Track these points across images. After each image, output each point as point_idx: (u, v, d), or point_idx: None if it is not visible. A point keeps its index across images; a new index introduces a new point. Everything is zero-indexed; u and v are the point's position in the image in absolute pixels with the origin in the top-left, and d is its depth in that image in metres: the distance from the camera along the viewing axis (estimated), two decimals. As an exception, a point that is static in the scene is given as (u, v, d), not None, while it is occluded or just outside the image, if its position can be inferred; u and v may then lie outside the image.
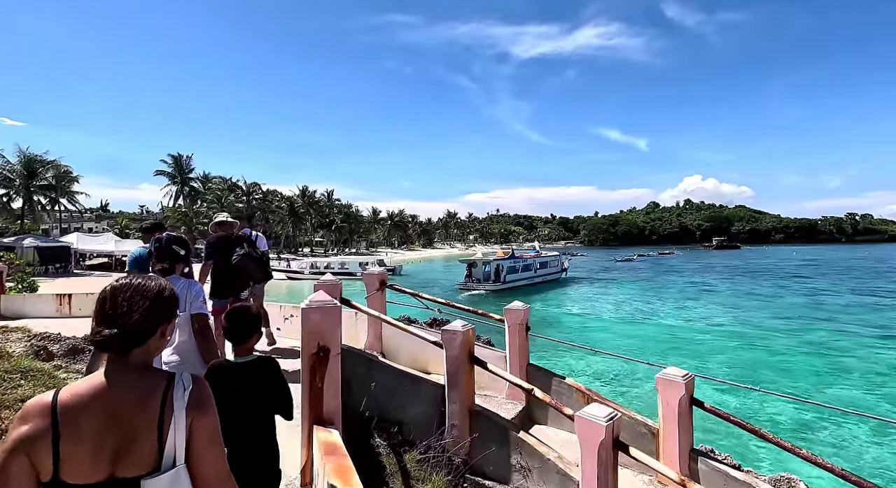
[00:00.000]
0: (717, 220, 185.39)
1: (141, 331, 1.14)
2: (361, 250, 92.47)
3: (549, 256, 42.48)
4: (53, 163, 40.10)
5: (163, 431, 1.09)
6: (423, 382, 3.84)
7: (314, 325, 2.67)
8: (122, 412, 1.07)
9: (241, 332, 2.16)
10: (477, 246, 51.93)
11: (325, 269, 43.52)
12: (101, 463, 1.04)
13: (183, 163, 60.16)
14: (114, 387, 1.09)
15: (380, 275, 5.51)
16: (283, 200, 71.66)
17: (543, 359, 10.64)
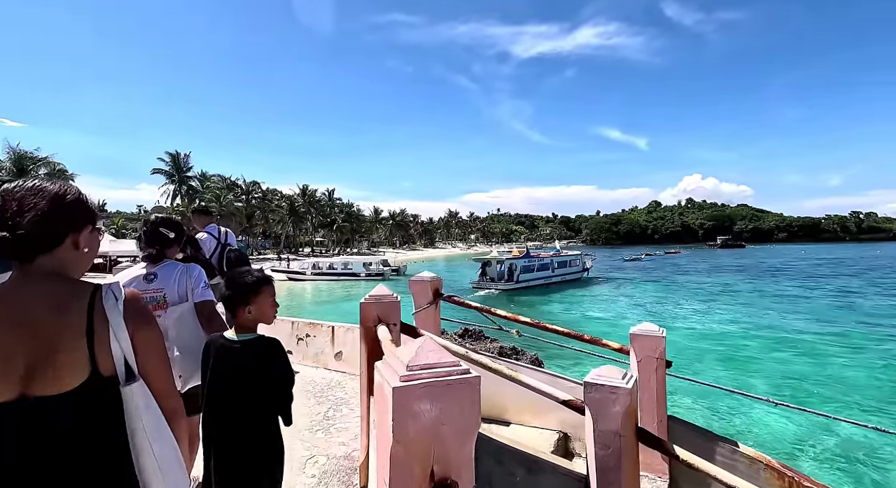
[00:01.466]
0: (720, 219, 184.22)
1: (39, 235, 1.00)
2: (363, 250, 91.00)
3: (570, 256, 41.23)
4: (45, 160, 38.63)
5: (93, 341, 0.97)
6: (546, 469, 2.32)
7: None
8: (34, 320, 0.95)
9: (232, 299, 1.83)
10: (494, 246, 50.83)
11: (328, 270, 42.13)
12: (9, 380, 0.91)
13: (180, 161, 58.62)
14: (18, 293, 0.97)
15: (433, 281, 3.98)
16: (283, 199, 70.19)
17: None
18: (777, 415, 9.38)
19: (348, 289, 36.23)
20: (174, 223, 2.44)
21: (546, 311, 25.80)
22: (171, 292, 2.23)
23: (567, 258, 40.46)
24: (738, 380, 12.28)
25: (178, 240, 2.46)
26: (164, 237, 2.36)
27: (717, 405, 10.06)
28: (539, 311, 25.92)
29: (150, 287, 2.21)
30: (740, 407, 9.91)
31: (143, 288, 2.18)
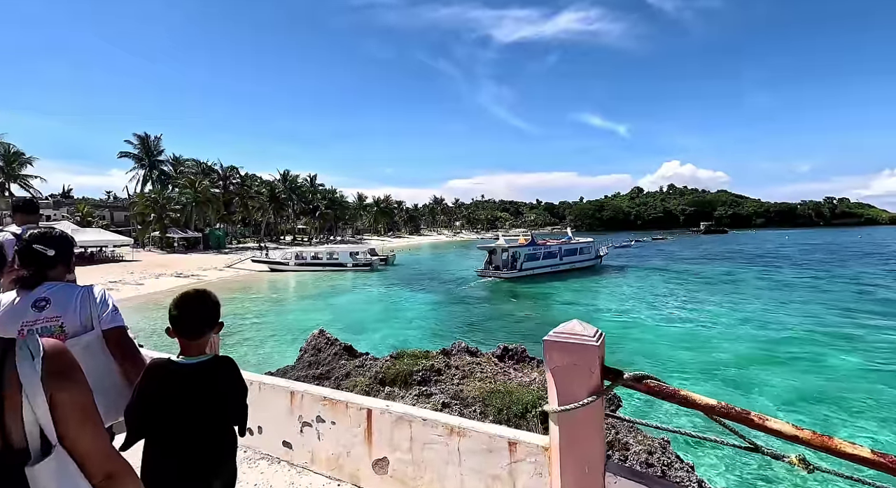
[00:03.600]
0: (700, 205, 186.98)
1: None
2: (346, 238, 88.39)
3: (581, 243, 39.77)
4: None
5: (3, 410, 0.87)
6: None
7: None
8: None
9: (197, 323, 1.78)
10: (483, 233, 49.71)
11: (313, 260, 39.91)
12: None
13: (150, 144, 54.79)
14: None
15: (597, 348, 2.04)
16: (262, 185, 66.88)
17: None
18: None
19: (335, 280, 34.18)
20: (53, 238, 1.98)
21: (549, 303, 24.34)
22: (72, 320, 1.87)
23: (577, 245, 39.12)
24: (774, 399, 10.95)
25: (63, 258, 2.02)
26: (40, 256, 1.93)
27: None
28: (541, 303, 24.47)
29: (41, 315, 1.81)
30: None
31: (31, 317, 1.80)
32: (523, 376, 6.06)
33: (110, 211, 59.03)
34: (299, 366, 10.68)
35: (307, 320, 20.08)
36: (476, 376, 5.87)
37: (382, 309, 22.81)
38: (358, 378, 6.10)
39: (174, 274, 32.34)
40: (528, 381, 5.54)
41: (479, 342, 15.46)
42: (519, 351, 6.81)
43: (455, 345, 6.78)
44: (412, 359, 6.25)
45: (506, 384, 5.45)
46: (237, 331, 18.05)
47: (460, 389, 5.34)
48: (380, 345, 15.40)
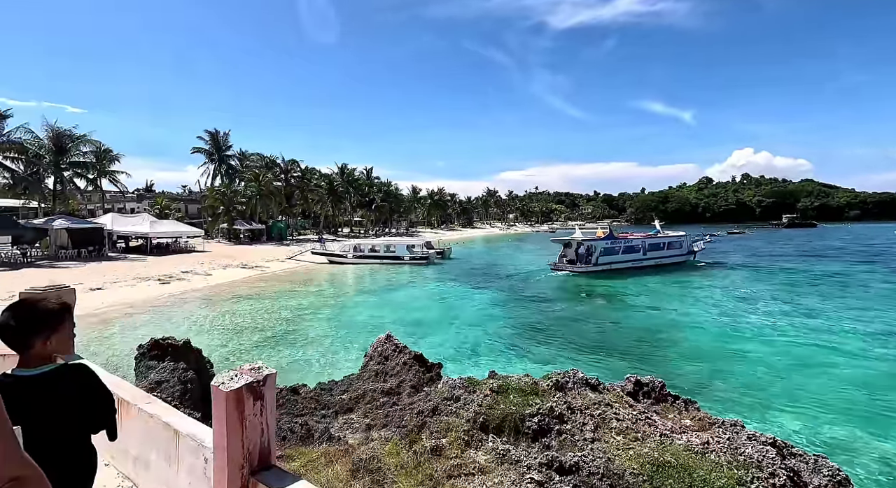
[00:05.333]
0: (781, 196, 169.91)
1: None
2: (401, 230, 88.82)
3: (671, 237, 36.78)
4: (83, 137, 37.59)
5: None
6: None
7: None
8: None
9: (21, 332, 1.63)
10: (576, 225, 47.13)
11: (370, 253, 39.67)
12: None
13: (220, 139, 57.37)
14: None
15: None
16: (321, 178, 68.27)
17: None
18: None
19: (392, 274, 33.58)
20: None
21: (625, 304, 21.97)
22: None
23: (664, 240, 36.09)
24: None
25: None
26: None
27: None
28: (616, 304, 22.15)
29: None
30: None
31: None
32: (676, 427, 4.41)
33: (185, 204, 62.85)
34: (365, 375, 9.59)
35: (368, 318, 19.33)
36: (612, 426, 4.31)
37: (444, 307, 21.62)
38: (451, 418, 4.73)
39: (240, 265, 33.22)
40: (698, 443, 3.89)
41: (560, 353, 13.79)
42: (656, 386, 5.14)
43: (570, 376, 5.24)
44: (520, 394, 4.79)
45: (666, 446, 3.85)
46: (300, 328, 17.57)
47: (601, 452, 3.81)
48: (447, 351, 14.18)
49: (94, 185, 42.89)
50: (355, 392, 9.00)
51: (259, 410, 1.73)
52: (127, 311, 18.73)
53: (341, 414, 8.33)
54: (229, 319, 18.66)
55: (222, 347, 14.52)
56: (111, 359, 12.39)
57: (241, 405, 1.67)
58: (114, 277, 24.75)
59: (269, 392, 1.78)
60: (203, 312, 19.91)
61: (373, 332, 17.02)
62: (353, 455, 4.74)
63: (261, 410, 1.74)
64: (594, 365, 12.31)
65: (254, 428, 1.71)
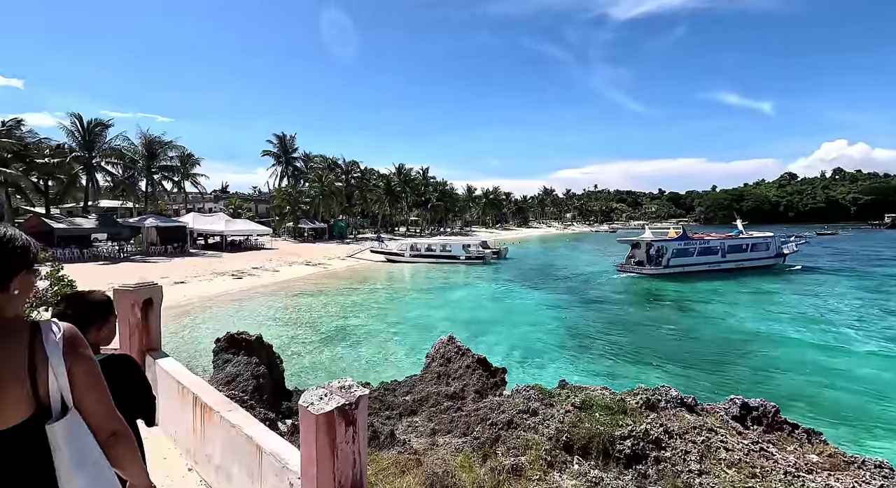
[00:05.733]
0: (883, 193, 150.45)
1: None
2: (456, 230, 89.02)
3: (755, 238, 33.74)
4: (170, 143, 41.18)
5: (36, 378, 1.07)
6: None
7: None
8: None
9: (77, 323, 1.60)
10: (644, 224, 44.60)
11: (427, 252, 39.94)
12: None
13: (287, 142, 60.60)
14: None
15: None
16: (379, 179, 70.04)
17: None
18: None
19: (448, 273, 33.53)
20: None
21: (701, 310, 20.23)
22: None
23: (747, 241, 33.11)
24: None
25: None
26: None
27: None
28: (691, 310, 20.45)
29: None
30: None
31: None
32: (800, 463, 3.73)
33: (255, 204, 67.16)
34: (427, 376, 9.43)
35: (424, 316, 19.33)
36: (720, 457, 3.73)
37: (502, 308, 21.14)
38: (529, 434, 4.36)
39: (304, 262, 34.77)
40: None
41: (631, 362, 12.87)
42: (767, 411, 4.45)
43: (662, 393, 4.67)
44: (606, 412, 4.32)
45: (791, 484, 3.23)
46: (359, 325, 17.92)
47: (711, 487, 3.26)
48: (505, 354, 13.75)
49: (178, 187, 46.88)
50: (418, 394, 8.85)
51: (351, 437, 1.51)
52: (205, 304, 20.11)
53: (405, 417, 8.20)
54: (294, 314, 19.44)
55: (288, 342, 15.09)
56: (192, 351, 13.26)
57: (332, 431, 1.46)
58: (194, 272, 26.79)
59: (361, 416, 1.56)
60: (271, 307, 20.93)
61: (429, 331, 16.95)
62: (425, 465, 4.53)
63: (353, 437, 1.52)
64: (672, 379, 11.32)
65: (346, 457, 1.49)
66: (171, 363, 2.99)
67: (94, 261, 28.66)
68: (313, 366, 12.78)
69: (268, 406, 7.42)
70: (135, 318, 3.14)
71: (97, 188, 37.81)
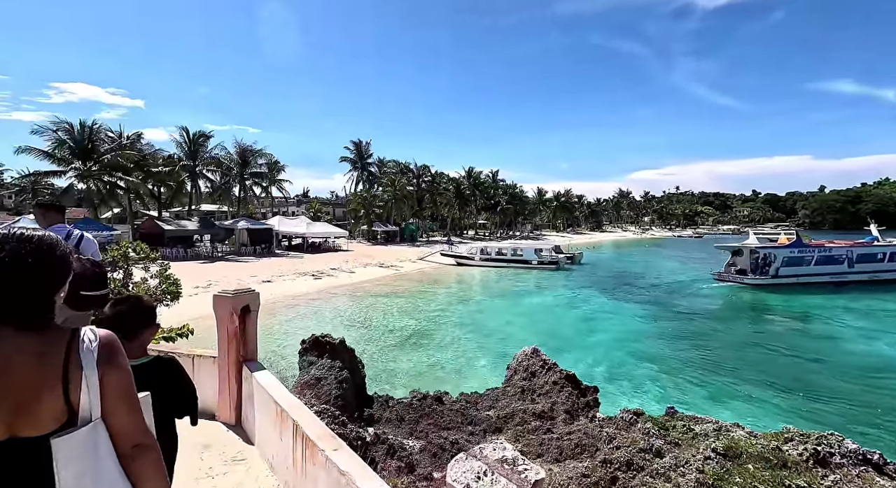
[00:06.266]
0: None
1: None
2: (525, 233, 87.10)
3: (892, 246, 29.38)
4: (260, 151, 44.64)
5: (69, 388, 1.08)
6: None
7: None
8: (18, 365, 1.04)
9: (128, 325, 1.86)
10: (749, 230, 40.31)
11: (497, 256, 39.22)
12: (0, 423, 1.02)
13: (362, 148, 63.18)
14: (7, 342, 1.06)
15: None
16: (449, 182, 70.54)
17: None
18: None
19: (519, 279, 32.55)
20: None
21: (825, 329, 17.40)
22: None
23: (885, 249, 28.80)
24: None
25: None
26: None
27: None
28: (811, 328, 17.68)
29: None
30: None
31: None
32: None
33: (333, 208, 70.82)
34: (510, 390, 8.81)
35: (498, 323, 18.69)
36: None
37: (580, 318, 19.88)
38: (659, 482, 3.62)
39: (378, 264, 35.71)
40: None
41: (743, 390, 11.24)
42: None
43: (833, 445, 3.67)
44: (762, 466, 3.45)
45: None
46: (432, 329, 17.74)
47: None
48: (588, 370, 12.71)
49: (266, 192, 50.69)
50: (503, 410, 8.26)
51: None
52: (289, 303, 21.18)
53: (489, 434, 7.66)
54: (369, 315, 19.79)
55: (364, 344, 15.25)
56: (277, 350, 13.83)
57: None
58: (279, 271, 28.53)
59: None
60: (347, 308, 21.54)
61: (504, 339, 16.29)
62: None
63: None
64: (798, 416, 9.63)
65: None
66: (268, 378, 2.79)
67: (195, 259, 31.69)
68: (389, 370, 12.73)
69: (350, 412, 7.27)
70: (232, 326, 2.98)
71: (199, 193, 42.02)
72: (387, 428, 7.33)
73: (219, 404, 3.14)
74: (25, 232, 1.10)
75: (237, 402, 2.98)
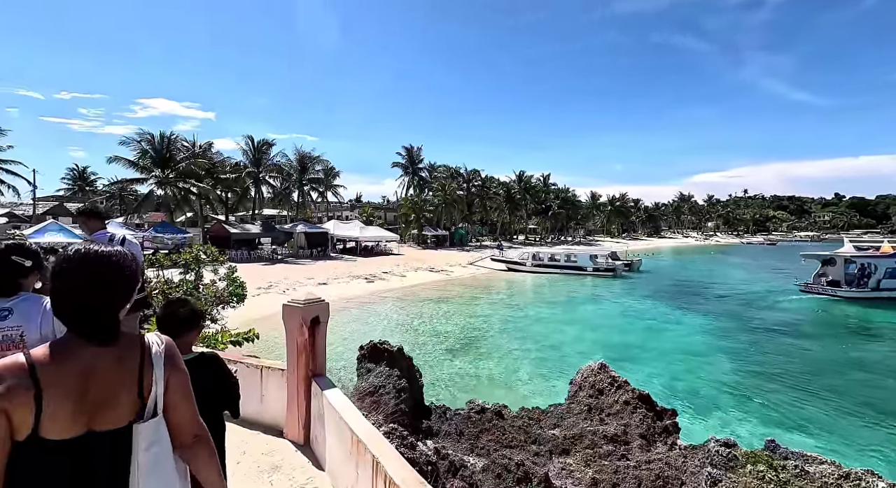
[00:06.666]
0: None
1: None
2: (578, 239, 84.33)
3: None
4: (318, 158, 46.48)
5: (143, 385, 1.21)
6: None
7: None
8: (101, 368, 1.17)
9: (175, 325, 2.10)
10: (844, 236, 36.61)
11: (550, 262, 38.07)
12: (80, 418, 1.12)
13: (414, 154, 64.09)
14: (90, 346, 1.17)
15: None
16: (499, 187, 69.81)
17: None
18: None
19: (573, 286, 31.32)
20: (30, 251, 2.22)
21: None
22: (32, 330, 1.98)
23: None
24: None
25: (36, 268, 2.23)
26: (17, 266, 2.11)
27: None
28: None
29: (3, 324, 1.94)
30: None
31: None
32: None
33: (384, 212, 72.36)
34: (575, 408, 8.20)
35: (554, 333, 17.92)
36: None
37: (646, 331, 18.63)
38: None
39: (428, 268, 35.81)
40: None
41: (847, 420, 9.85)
42: None
43: None
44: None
45: None
46: (485, 337, 17.31)
47: None
48: (657, 390, 11.73)
49: (322, 197, 52.64)
50: (569, 429, 7.71)
51: None
52: (344, 306, 21.60)
53: (556, 455, 7.14)
54: (422, 321, 19.71)
55: (415, 349, 15.11)
56: (334, 354, 14.01)
57: None
58: (334, 274, 29.32)
59: None
60: (398, 311, 21.61)
61: (561, 350, 15.53)
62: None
63: None
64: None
65: None
66: (339, 398, 2.57)
67: (257, 261, 33.36)
68: (441, 378, 12.46)
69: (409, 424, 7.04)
70: (302, 339, 2.80)
71: (262, 198, 44.36)
72: (446, 442, 7.02)
73: (287, 420, 2.97)
74: (98, 250, 1.20)
75: (305, 420, 2.80)
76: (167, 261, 8.40)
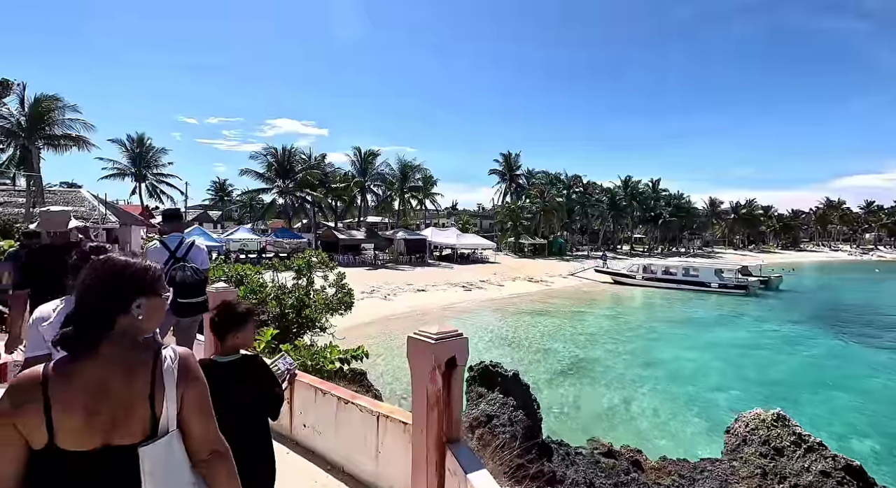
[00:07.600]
0: None
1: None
2: (693, 250, 75.36)
3: None
4: (418, 167, 47.80)
5: (154, 402, 1.17)
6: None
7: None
8: (111, 383, 1.15)
9: (220, 326, 2.11)
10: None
11: (665, 275, 34.11)
12: (95, 432, 1.11)
13: (511, 160, 62.89)
14: (100, 360, 1.16)
15: None
16: (603, 193, 65.28)
17: None
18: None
19: (693, 304, 27.49)
20: (105, 250, 2.21)
21: None
22: None
23: None
24: None
25: None
26: None
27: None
28: None
29: None
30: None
31: None
32: None
33: (480, 220, 72.06)
34: (742, 470, 6.43)
35: (684, 362, 15.43)
36: None
37: (805, 364, 15.24)
38: None
39: (526, 278, 34.30)
40: None
41: None
42: None
43: None
44: None
45: None
46: (597, 359, 15.52)
47: None
48: (842, 441, 9.16)
49: (420, 205, 53.96)
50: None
51: None
52: (440, 314, 21.28)
53: (724, 536, 5.57)
54: (520, 334, 18.50)
55: (521, 369, 13.97)
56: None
57: None
58: (432, 281, 29.38)
59: None
60: (496, 323, 20.62)
61: (693, 383, 13.19)
62: None
63: None
64: None
65: None
66: (490, 484, 1.72)
67: (361, 266, 34.93)
68: (550, 406, 11.12)
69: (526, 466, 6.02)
70: (434, 388, 2.00)
71: (367, 206, 46.77)
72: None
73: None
74: (104, 257, 1.23)
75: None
76: (281, 265, 8.59)
